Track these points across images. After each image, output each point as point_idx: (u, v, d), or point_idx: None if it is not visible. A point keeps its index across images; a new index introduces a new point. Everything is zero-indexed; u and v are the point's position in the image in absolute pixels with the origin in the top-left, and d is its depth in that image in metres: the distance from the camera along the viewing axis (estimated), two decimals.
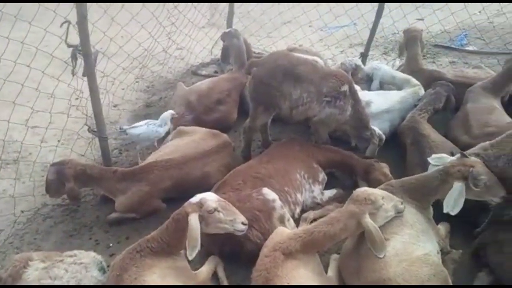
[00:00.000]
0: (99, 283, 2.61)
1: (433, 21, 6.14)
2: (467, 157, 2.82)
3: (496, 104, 4.18)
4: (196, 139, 3.82)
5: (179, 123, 4.28)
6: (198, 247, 2.47)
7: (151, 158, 3.70)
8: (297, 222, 3.27)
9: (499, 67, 4.99)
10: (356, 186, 3.48)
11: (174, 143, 3.88)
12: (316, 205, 3.51)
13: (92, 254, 2.74)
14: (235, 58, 5.11)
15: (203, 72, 6.11)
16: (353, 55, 6.23)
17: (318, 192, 3.54)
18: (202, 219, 2.58)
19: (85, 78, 3.67)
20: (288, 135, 4.47)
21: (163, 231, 2.66)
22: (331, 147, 3.86)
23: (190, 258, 2.48)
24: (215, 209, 2.61)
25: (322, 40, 6.49)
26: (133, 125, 4.13)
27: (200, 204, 2.60)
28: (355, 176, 3.70)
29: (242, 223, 2.70)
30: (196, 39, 6.16)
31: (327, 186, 3.70)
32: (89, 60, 3.57)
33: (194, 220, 2.53)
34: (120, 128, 4.15)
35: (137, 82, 5.78)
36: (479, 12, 6.19)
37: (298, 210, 3.36)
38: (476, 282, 2.84)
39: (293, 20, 6.57)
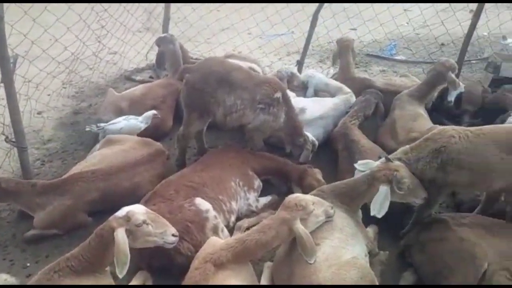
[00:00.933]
0: None
1: (364, 31, 6.44)
2: (391, 161, 2.94)
3: (421, 110, 4.44)
4: (126, 148, 3.66)
5: None
6: (128, 264, 2.35)
7: (75, 169, 3.48)
8: (232, 230, 3.23)
9: (424, 76, 5.31)
10: (291, 192, 3.52)
11: (102, 152, 3.68)
12: (251, 213, 3.49)
13: (4, 276, 2.51)
14: (171, 63, 5.00)
15: (138, 78, 5.92)
16: (290, 62, 6.37)
17: (253, 199, 3.53)
18: (129, 233, 2.45)
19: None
20: (225, 142, 4.44)
21: (85, 248, 2.49)
22: (266, 154, 3.88)
23: (121, 276, 2.35)
24: (144, 222, 2.49)
25: (260, 47, 6.56)
26: (110, 122, 4.06)
27: (127, 218, 2.47)
28: (289, 182, 3.74)
29: (173, 235, 2.61)
30: (130, 43, 5.96)
31: (263, 193, 3.70)
32: (5, 65, 3.30)
33: (121, 235, 2.39)
34: (98, 126, 4.09)
35: (64, 87, 5.45)
36: (407, 23, 6.58)
37: (233, 218, 3.31)
38: (402, 282, 2.96)
39: (231, 26, 6.57)
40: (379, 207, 2.78)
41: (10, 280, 2.50)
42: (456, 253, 2.80)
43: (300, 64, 5.94)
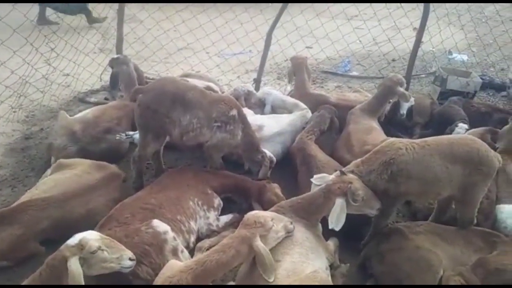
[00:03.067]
0: None
1: (318, 49, 6.65)
2: (345, 174, 3.01)
3: (374, 124, 4.61)
4: (79, 172, 3.52)
5: (60, 155, 3.92)
6: None
7: (25, 197, 3.30)
8: (192, 251, 3.16)
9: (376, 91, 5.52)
10: (252, 209, 3.50)
11: (53, 178, 3.51)
12: (212, 232, 3.44)
13: None
14: (125, 85, 4.92)
15: (92, 100, 5.76)
16: (249, 80, 6.44)
17: (213, 218, 3.49)
18: (83, 261, 2.37)
19: None
20: (185, 163, 4.38)
21: (36, 279, 2.37)
22: (225, 172, 3.87)
23: None
24: (98, 248, 2.42)
25: (218, 66, 6.60)
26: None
27: (80, 246, 2.38)
28: (250, 199, 3.73)
29: (130, 259, 2.54)
30: (83, 65, 5.81)
31: (224, 211, 3.66)
32: None
33: (74, 265, 2.31)
34: (126, 134, 4.19)
35: (14, 111, 5.21)
36: (359, 41, 6.86)
37: (193, 239, 3.25)
38: None
39: (188, 46, 6.58)
40: (336, 220, 2.83)
41: None
42: (414, 261, 2.90)
43: (257, 81, 6.03)
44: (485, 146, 3.12)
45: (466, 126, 4.64)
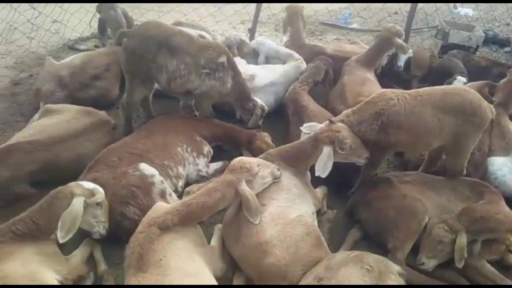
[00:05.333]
0: None
1: None
2: (334, 123, 2.97)
3: (369, 75, 4.50)
4: (67, 118, 3.46)
5: (48, 101, 3.86)
6: (73, 232, 2.38)
7: (12, 140, 3.26)
8: (181, 196, 3.18)
9: None
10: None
11: (40, 122, 3.47)
12: (202, 178, 3.45)
13: None
14: (113, 31, 4.76)
15: (82, 47, 5.61)
16: (244, 30, 6.25)
17: (203, 165, 3.48)
18: (84, 207, 2.48)
19: None
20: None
21: (35, 210, 2.45)
22: (214, 120, 3.82)
23: (61, 241, 2.37)
24: (100, 204, 2.57)
25: (212, 15, 6.37)
26: None
27: (91, 192, 2.52)
28: (240, 147, 3.72)
29: (106, 230, 2.70)
30: (70, 11, 5.60)
31: (215, 159, 3.66)
32: None
33: (79, 204, 2.43)
34: None
35: (2, 58, 5.09)
36: None
37: (181, 183, 3.27)
38: (349, 237, 3.05)
39: None
40: (323, 167, 2.82)
41: None
42: (399, 208, 2.94)
43: (252, 32, 5.85)
44: (478, 97, 3.06)
45: (464, 79, 4.55)
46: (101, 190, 2.59)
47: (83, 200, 2.44)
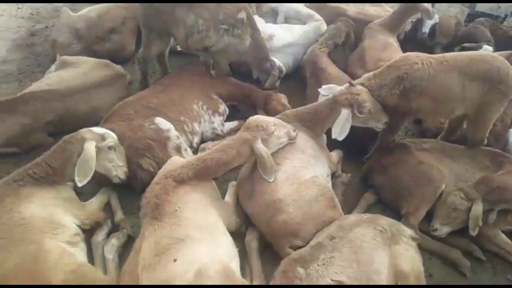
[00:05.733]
0: None
1: None
2: (354, 86, 2.90)
3: (392, 40, 4.35)
4: (84, 70, 3.45)
5: (64, 53, 3.83)
6: (90, 176, 2.42)
7: (30, 89, 3.27)
8: (196, 152, 3.19)
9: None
10: None
11: (57, 73, 3.46)
12: (217, 137, 3.45)
13: None
14: None
15: None
16: None
17: (218, 123, 3.46)
18: (97, 151, 2.50)
19: None
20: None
21: (50, 155, 2.50)
22: (231, 79, 3.76)
23: (80, 185, 2.43)
24: (113, 148, 2.58)
25: None
26: None
27: (102, 136, 2.54)
28: (255, 108, 3.68)
29: (125, 173, 2.72)
30: None
31: (230, 119, 3.63)
32: None
33: (91, 148, 2.46)
34: None
35: (18, 8, 5.02)
36: None
37: (196, 140, 3.26)
38: (362, 201, 3.05)
39: None
40: (339, 130, 2.78)
41: None
42: (415, 175, 2.90)
43: None
44: (506, 64, 2.94)
45: (491, 48, 4.38)
46: (112, 134, 2.60)
47: (94, 144, 2.46)
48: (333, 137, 2.80)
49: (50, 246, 2.15)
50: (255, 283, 2.34)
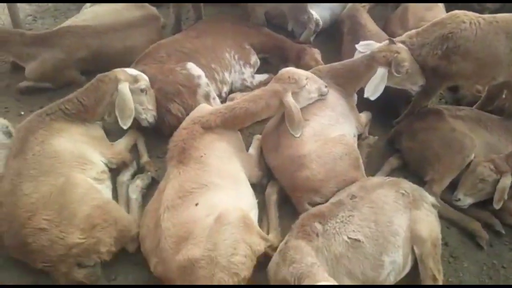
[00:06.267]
0: (4, 147, 2.44)
1: None
2: (394, 43, 2.78)
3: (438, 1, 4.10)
4: (118, 8, 3.43)
5: None
6: (132, 117, 2.48)
7: (66, 24, 3.31)
8: (224, 101, 3.18)
9: None
10: None
11: (93, 9, 3.48)
12: (246, 88, 3.42)
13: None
14: None
15: None
16: None
17: (248, 74, 3.43)
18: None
19: None
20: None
21: (82, 92, 2.55)
22: (265, 29, 3.67)
23: (125, 127, 2.50)
24: (144, 91, 2.59)
25: None
26: None
27: (135, 78, 2.55)
28: (287, 61, 3.60)
29: (154, 117, 2.73)
30: None
31: (260, 72, 3.58)
32: None
33: (126, 89, 2.49)
34: None
35: None
36: None
37: (225, 89, 3.26)
38: (386, 165, 3.01)
39: None
40: (373, 89, 2.70)
41: (3, 121, 2.56)
42: (446, 142, 2.82)
43: None
44: None
45: None
46: (145, 77, 2.60)
47: (127, 85, 2.49)
48: (365, 95, 2.73)
49: (78, 180, 2.24)
50: (271, 235, 2.40)
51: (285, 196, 2.65)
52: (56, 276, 2.18)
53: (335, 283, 1.70)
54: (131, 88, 2.52)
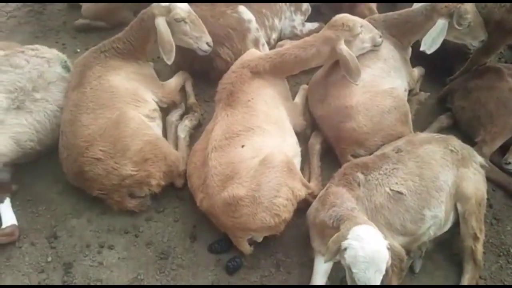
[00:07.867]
0: (62, 80, 2.56)
1: None
2: None
3: None
4: None
5: None
6: (173, 52, 2.45)
7: None
8: (273, 48, 3.14)
9: None
10: None
11: None
12: (295, 36, 3.34)
13: (56, 51, 2.66)
14: None
15: None
16: None
17: (298, 22, 3.34)
18: (168, 25, 2.47)
19: None
20: None
21: (128, 31, 2.58)
22: None
23: (169, 62, 2.48)
24: (183, 19, 2.50)
25: None
26: None
27: (168, 9, 2.48)
28: (340, 10, 3.45)
29: (207, 44, 2.63)
30: None
31: (311, 21, 3.47)
32: None
33: (162, 23, 2.44)
34: None
35: None
36: None
37: (274, 36, 3.20)
38: (435, 123, 2.92)
39: None
40: (431, 42, 2.57)
41: (62, 55, 2.66)
42: (502, 102, 2.69)
43: None
44: None
45: None
46: (179, 5, 2.50)
47: (164, 19, 2.45)
48: (421, 49, 2.60)
49: (132, 115, 2.34)
50: (312, 183, 2.43)
51: (327, 148, 2.66)
52: (110, 204, 2.34)
53: (375, 228, 1.72)
54: (168, 21, 2.47)
